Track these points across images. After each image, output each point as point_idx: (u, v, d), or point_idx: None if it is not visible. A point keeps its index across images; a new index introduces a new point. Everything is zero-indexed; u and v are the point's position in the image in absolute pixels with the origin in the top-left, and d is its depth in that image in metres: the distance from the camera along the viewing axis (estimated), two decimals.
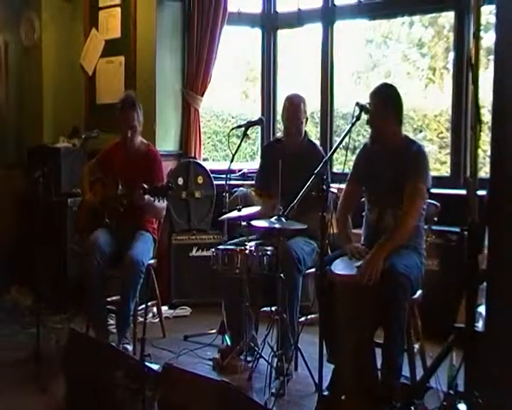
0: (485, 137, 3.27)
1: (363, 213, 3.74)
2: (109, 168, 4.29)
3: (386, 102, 3.53)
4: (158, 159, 4.39)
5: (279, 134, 5.31)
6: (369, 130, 3.61)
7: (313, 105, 5.82)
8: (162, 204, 4.07)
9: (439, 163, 6.03)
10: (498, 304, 2.16)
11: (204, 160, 5.81)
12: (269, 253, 3.78)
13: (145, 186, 3.88)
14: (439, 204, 3.71)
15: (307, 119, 4.24)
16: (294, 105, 4.18)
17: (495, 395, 2.18)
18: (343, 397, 3.09)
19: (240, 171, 5.66)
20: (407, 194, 3.44)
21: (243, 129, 4.29)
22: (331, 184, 4.18)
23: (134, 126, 4.26)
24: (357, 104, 3.43)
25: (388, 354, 3.24)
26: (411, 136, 4.03)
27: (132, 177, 4.15)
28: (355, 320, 3.20)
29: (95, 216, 4.25)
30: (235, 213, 4.00)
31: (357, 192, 3.75)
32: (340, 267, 3.34)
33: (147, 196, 3.92)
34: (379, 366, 3.27)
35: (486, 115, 2.86)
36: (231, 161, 4.21)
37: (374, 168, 3.59)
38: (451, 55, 5.29)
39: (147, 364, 3.08)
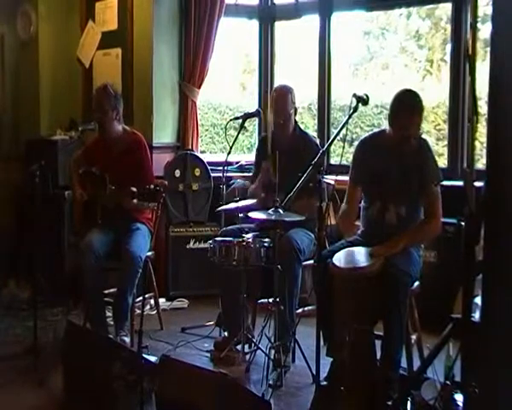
0: (483, 129, 3.27)
1: (361, 205, 3.74)
2: (95, 162, 4.25)
3: (418, 111, 3.45)
4: (143, 146, 4.35)
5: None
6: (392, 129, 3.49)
7: (310, 97, 5.83)
8: (152, 204, 4.07)
9: (437, 155, 6.02)
10: (495, 295, 2.17)
11: (201, 152, 5.81)
12: (266, 244, 3.78)
13: (133, 190, 3.82)
14: None
15: (296, 109, 4.23)
16: (281, 96, 4.17)
17: (491, 385, 2.18)
18: (342, 388, 3.09)
19: (237, 163, 5.65)
20: (426, 201, 3.49)
21: (240, 121, 4.28)
22: (329, 176, 4.20)
23: (105, 110, 4.22)
24: (355, 96, 3.40)
25: (388, 348, 3.26)
26: None
27: (120, 169, 4.11)
28: (355, 313, 3.21)
29: (88, 214, 4.22)
30: (232, 205, 4.00)
31: (361, 192, 3.75)
32: (341, 260, 3.34)
33: (135, 200, 3.89)
34: (378, 357, 3.29)
35: (484, 107, 2.87)
36: (229, 153, 4.20)
37: (376, 162, 3.56)
38: (449, 46, 5.28)
39: (144, 356, 3.09)
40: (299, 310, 4.01)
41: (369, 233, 3.62)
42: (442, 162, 5.57)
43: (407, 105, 3.44)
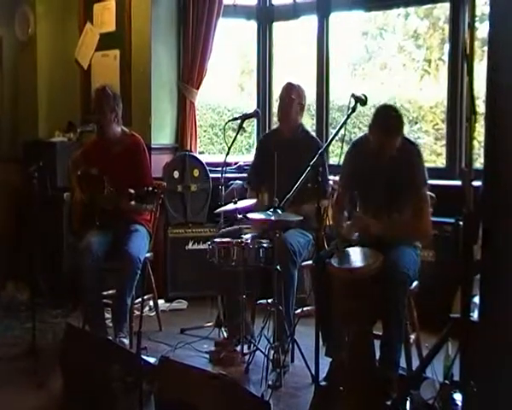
0: (481, 129, 3.27)
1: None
2: (93, 164, 4.24)
3: (392, 133, 3.46)
4: (141, 148, 4.35)
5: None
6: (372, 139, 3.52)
7: (309, 97, 5.81)
8: (150, 206, 4.09)
9: (435, 155, 6.04)
10: (493, 294, 2.17)
11: (200, 153, 5.81)
12: (265, 245, 3.78)
13: (131, 192, 3.82)
14: (434, 195, 3.71)
15: (303, 106, 4.25)
16: (291, 85, 4.24)
17: (490, 384, 2.18)
18: (341, 388, 3.10)
19: (236, 164, 5.65)
20: (414, 205, 3.47)
21: (239, 122, 4.29)
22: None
23: (104, 112, 4.22)
24: (353, 96, 3.41)
25: (386, 348, 3.26)
26: (406, 128, 4.01)
27: (118, 171, 4.11)
28: (354, 313, 3.21)
29: (86, 216, 4.21)
30: (231, 206, 4.00)
31: (351, 194, 3.73)
32: (339, 260, 3.34)
33: (133, 202, 3.89)
34: (377, 357, 3.29)
35: (481, 106, 2.86)
36: (227, 153, 4.20)
37: (365, 169, 3.54)
38: (447, 46, 5.28)
39: (143, 357, 3.09)
40: (298, 310, 4.02)
41: (364, 237, 3.60)
42: (440, 162, 5.58)
43: (382, 127, 3.43)
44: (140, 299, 4.21)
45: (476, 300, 2.51)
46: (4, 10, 5.86)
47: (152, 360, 3.22)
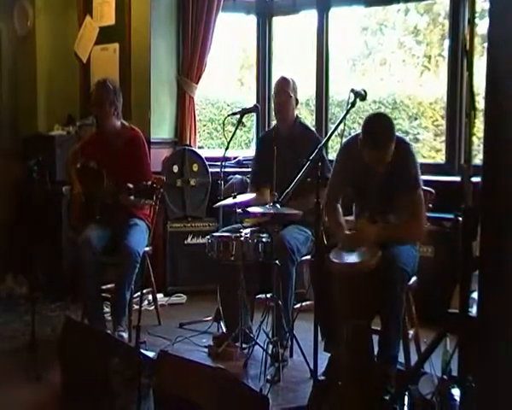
0: (480, 125, 3.28)
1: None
2: (92, 157, 4.23)
3: (381, 150, 3.35)
4: (141, 142, 4.34)
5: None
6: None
7: (308, 92, 5.82)
8: (148, 201, 4.08)
9: (434, 151, 6.04)
10: (491, 290, 2.17)
11: (199, 147, 5.81)
12: (264, 240, 3.78)
13: (130, 187, 3.82)
14: (433, 191, 3.72)
15: (297, 100, 4.25)
16: (283, 80, 4.23)
17: (488, 379, 2.19)
18: (339, 383, 3.10)
19: (235, 158, 5.66)
20: (410, 204, 3.41)
21: (238, 116, 4.29)
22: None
23: (103, 105, 4.21)
24: (352, 91, 3.40)
25: (385, 343, 3.26)
26: (406, 124, 4.00)
27: (117, 165, 4.12)
28: (353, 308, 3.21)
29: (86, 209, 4.21)
30: (230, 201, 4.00)
31: (344, 192, 3.71)
32: (338, 256, 3.34)
33: (132, 197, 3.88)
34: (375, 352, 3.29)
35: (481, 102, 2.87)
36: (226, 148, 4.21)
37: (360, 170, 3.48)
38: (447, 42, 5.29)
39: (142, 351, 3.09)
40: (297, 305, 4.02)
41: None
42: (440, 158, 5.59)
43: (371, 146, 3.32)
44: (139, 293, 4.22)
45: (475, 295, 2.52)
46: (3, 4, 5.84)
47: (151, 354, 3.22)
